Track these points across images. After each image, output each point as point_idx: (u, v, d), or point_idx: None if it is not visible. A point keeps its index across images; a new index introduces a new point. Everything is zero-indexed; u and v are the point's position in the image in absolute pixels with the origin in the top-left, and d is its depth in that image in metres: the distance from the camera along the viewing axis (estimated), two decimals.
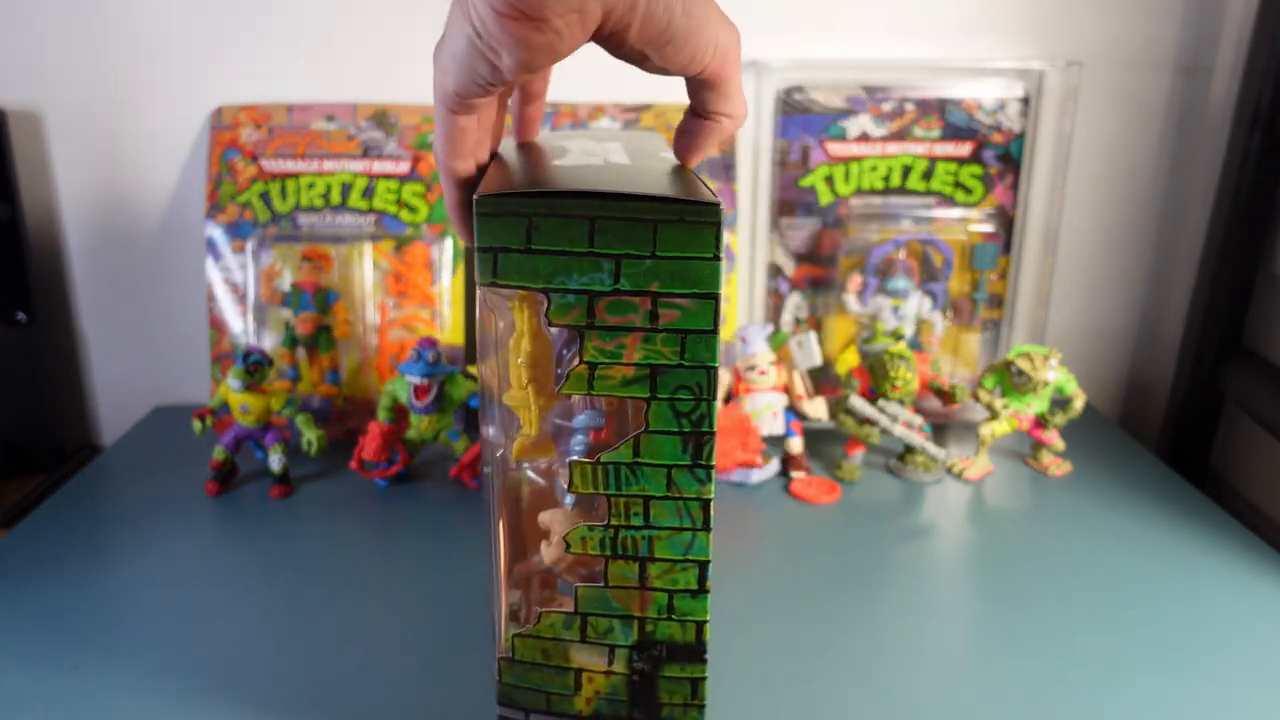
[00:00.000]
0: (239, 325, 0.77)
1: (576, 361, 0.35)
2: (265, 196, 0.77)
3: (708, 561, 0.37)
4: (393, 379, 0.69)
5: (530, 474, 0.42)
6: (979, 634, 0.52)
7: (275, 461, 0.68)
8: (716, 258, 0.33)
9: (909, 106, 0.77)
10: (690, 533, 0.37)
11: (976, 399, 0.71)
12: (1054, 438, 0.71)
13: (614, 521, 0.37)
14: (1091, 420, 0.80)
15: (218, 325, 0.78)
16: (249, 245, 0.76)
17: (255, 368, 0.66)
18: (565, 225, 0.33)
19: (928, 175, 0.78)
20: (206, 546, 0.62)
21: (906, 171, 0.78)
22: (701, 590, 0.38)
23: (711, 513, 0.37)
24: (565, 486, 0.38)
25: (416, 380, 0.66)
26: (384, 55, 0.79)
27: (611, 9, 0.31)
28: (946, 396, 0.71)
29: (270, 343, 0.77)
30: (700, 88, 0.36)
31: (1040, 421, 0.71)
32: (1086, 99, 0.80)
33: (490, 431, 0.40)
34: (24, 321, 0.79)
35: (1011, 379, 0.70)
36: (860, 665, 0.50)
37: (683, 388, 0.35)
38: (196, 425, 0.68)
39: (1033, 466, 0.72)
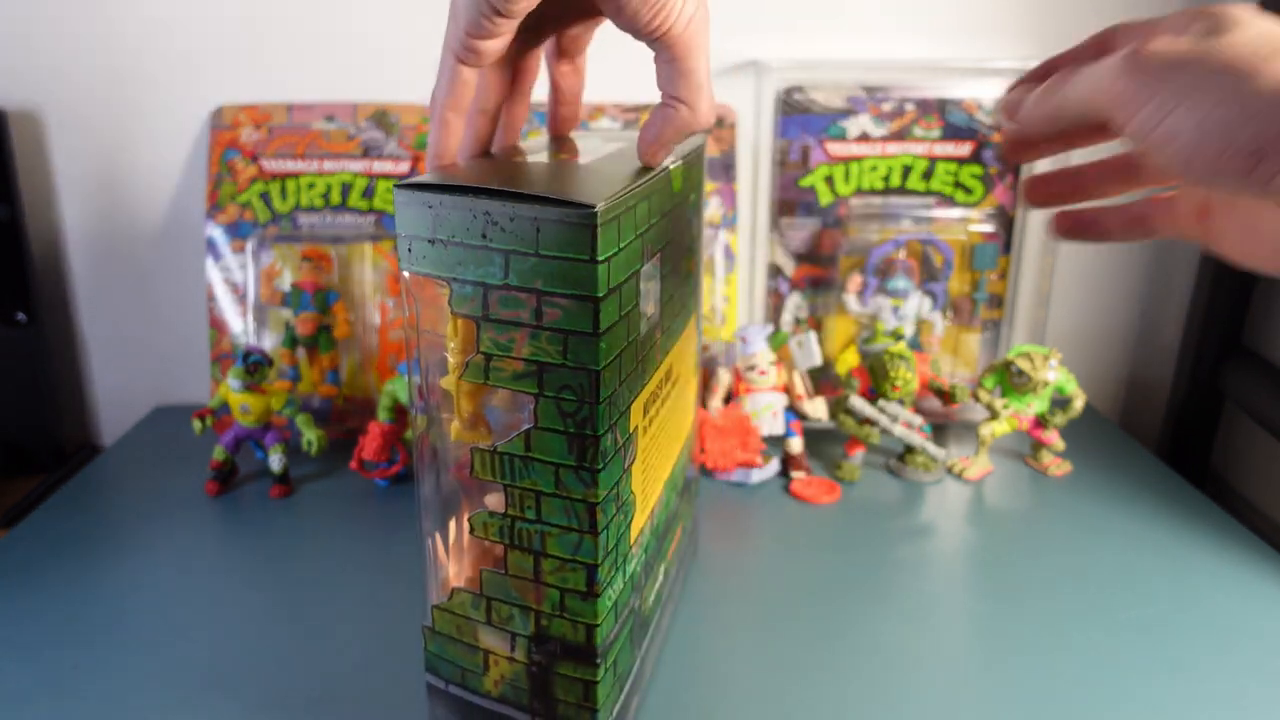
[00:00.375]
0: (239, 325, 0.77)
1: (474, 351, 0.36)
2: (265, 196, 0.77)
3: (596, 565, 0.37)
4: (393, 379, 0.69)
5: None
6: (979, 634, 0.52)
7: (275, 461, 0.68)
8: (594, 260, 0.32)
9: (909, 106, 0.77)
10: (578, 534, 0.37)
11: (976, 399, 0.71)
12: (1054, 438, 0.71)
13: (510, 512, 0.38)
14: (1091, 420, 0.80)
15: (218, 325, 0.78)
16: (249, 245, 0.76)
17: (255, 368, 0.66)
18: (463, 219, 0.34)
19: (928, 175, 0.78)
20: (206, 546, 0.62)
21: (906, 171, 0.78)
22: (590, 594, 0.37)
23: (598, 517, 0.36)
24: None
25: (417, 380, 0.66)
26: (384, 55, 0.79)
27: None
28: (946, 396, 0.71)
29: (270, 343, 0.77)
30: (663, 64, 0.35)
31: (1040, 421, 0.71)
32: None
33: (417, 413, 0.40)
34: (24, 321, 0.79)
35: (1011, 379, 0.70)
36: (860, 665, 0.50)
37: (566, 388, 0.35)
38: (196, 425, 0.68)
39: (1033, 466, 0.72)
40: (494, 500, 0.38)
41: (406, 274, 0.36)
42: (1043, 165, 0.76)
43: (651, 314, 0.40)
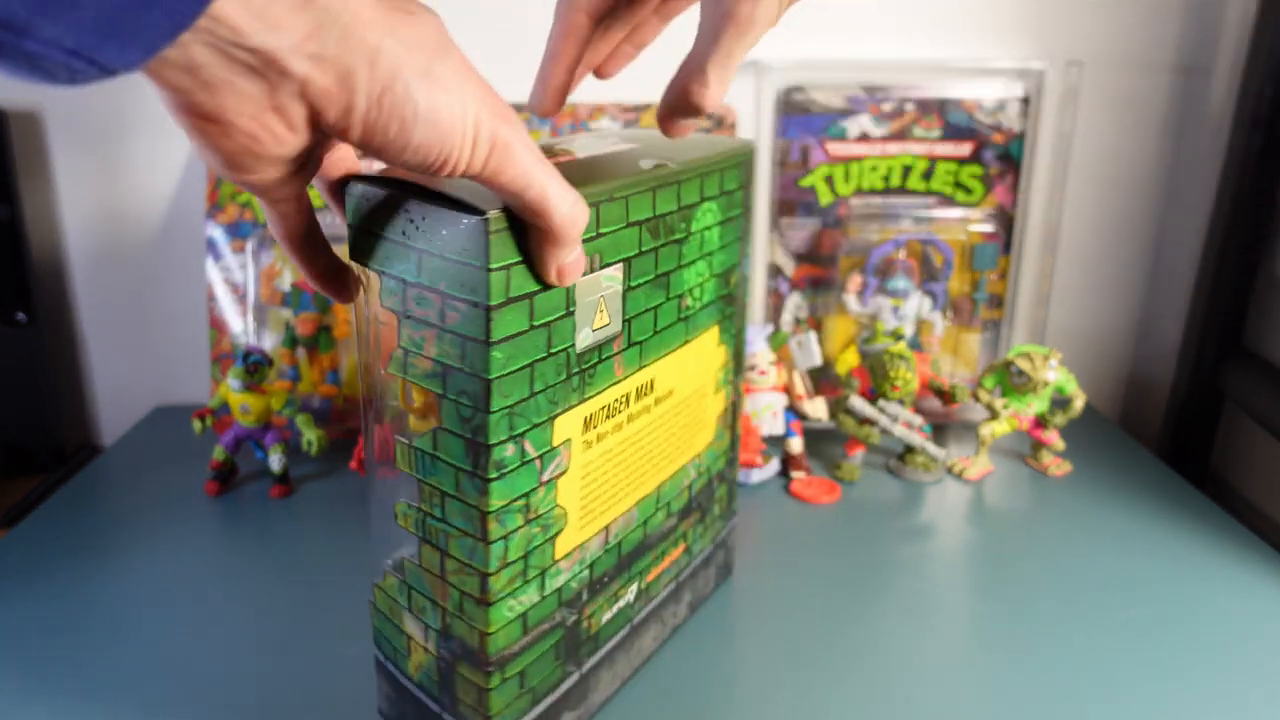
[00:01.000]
0: (239, 325, 0.77)
1: (396, 345, 0.36)
2: None
3: (488, 574, 0.36)
4: None
5: None
6: (979, 634, 0.52)
7: (275, 461, 0.68)
8: (486, 268, 0.32)
9: (909, 106, 0.77)
10: (473, 540, 0.36)
11: (976, 399, 0.71)
12: (1054, 438, 0.71)
13: (423, 506, 0.38)
14: (1091, 420, 0.80)
15: (218, 325, 0.77)
16: (249, 245, 0.76)
17: (255, 368, 0.66)
18: (389, 214, 0.34)
19: (928, 175, 0.78)
20: (206, 546, 0.62)
21: (906, 171, 0.78)
22: (483, 601, 0.37)
23: (491, 526, 0.35)
24: None
25: None
26: None
27: (322, 101, 0.26)
28: (946, 396, 0.71)
29: (270, 343, 0.77)
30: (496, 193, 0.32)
31: (1040, 421, 0.71)
32: (1086, 99, 0.80)
33: (369, 400, 0.40)
34: (24, 321, 0.79)
35: (1011, 379, 0.70)
36: (860, 665, 0.50)
37: (464, 393, 0.34)
38: (196, 425, 0.68)
39: (1033, 466, 0.72)
40: None
41: (353, 263, 0.37)
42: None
43: (606, 326, 0.39)
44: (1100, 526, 0.63)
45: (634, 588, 0.46)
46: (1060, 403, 0.73)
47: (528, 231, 0.33)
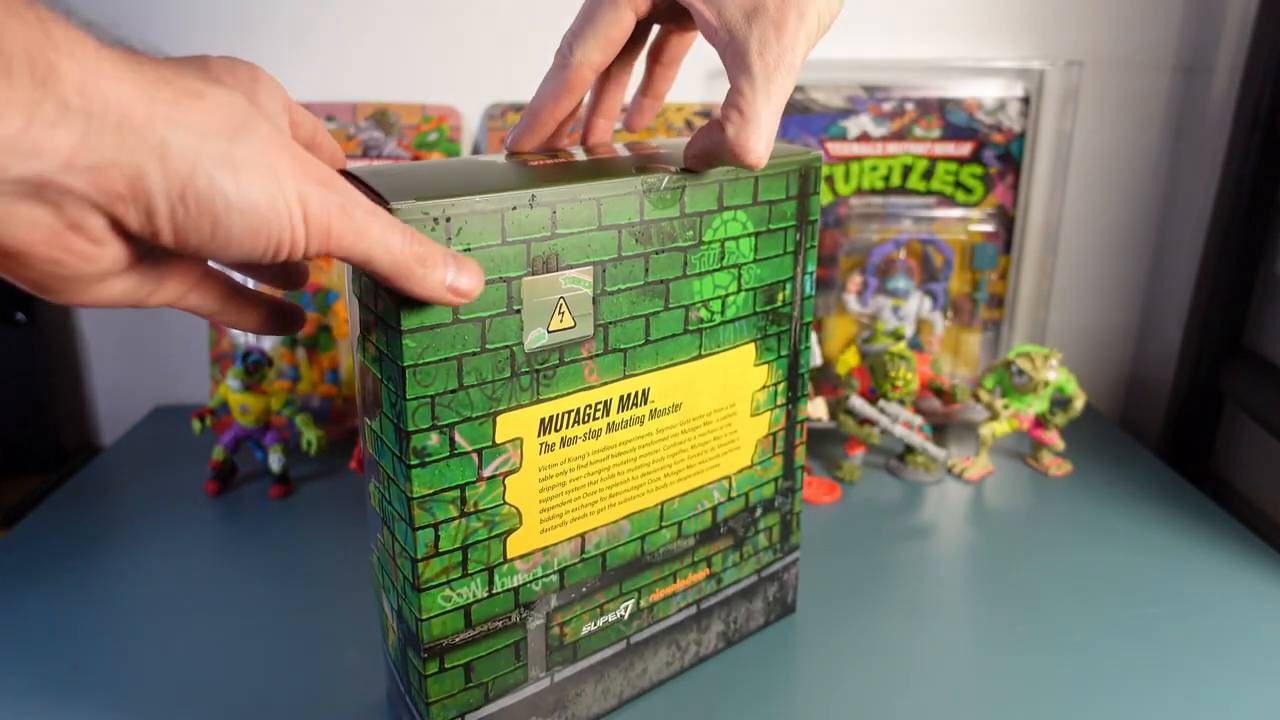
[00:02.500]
0: None
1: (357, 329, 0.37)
2: None
3: (417, 560, 0.36)
4: None
5: None
6: (979, 634, 0.52)
7: (275, 461, 0.67)
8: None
9: (909, 106, 0.77)
10: (405, 524, 0.37)
11: (976, 399, 0.71)
12: (1054, 438, 0.71)
13: (380, 487, 0.39)
14: (1091, 420, 0.80)
15: (217, 325, 0.77)
16: None
17: (255, 368, 0.66)
18: None
19: (928, 175, 0.78)
20: (206, 546, 0.62)
21: (906, 171, 0.78)
22: (415, 587, 0.37)
23: (415, 513, 0.36)
24: None
25: None
26: (384, 55, 0.79)
27: (118, 209, 0.24)
28: (946, 396, 0.71)
29: (270, 343, 0.76)
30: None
31: (1040, 421, 0.71)
32: (1086, 99, 0.80)
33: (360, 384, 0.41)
34: (24, 321, 0.79)
35: (1011, 379, 0.70)
36: (860, 665, 0.50)
37: (391, 379, 0.35)
38: (196, 425, 0.68)
39: (1033, 466, 0.72)
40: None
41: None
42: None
43: (569, 328, 0.38)
44: (1100, 527, 0.63)
45: (628, 604, 0.45)
46: (1060, 403, 0.73)
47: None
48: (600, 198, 0.37)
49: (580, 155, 0.41)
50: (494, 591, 0.39)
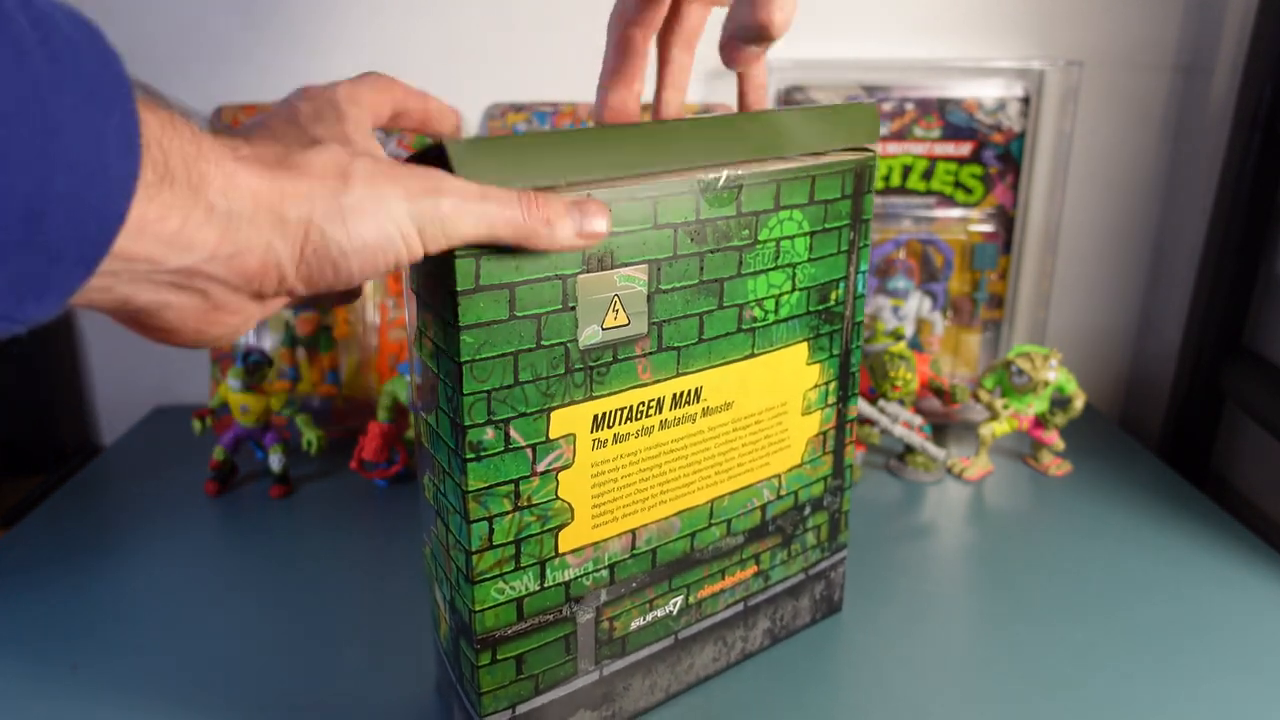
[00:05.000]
0: None
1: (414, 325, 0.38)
2: None
3: (471, 553, 0.37)
4: (393, 379, 0.69)
5: None
6: (979, 634, 0.52)
7: (275, 461, 0.68)
8: (452, 255, 0.32)
9: (909, 106, 0.77)
10: (459, 517, 0.37)
11: (976, 399, 0.71)
12: (1054, 438, 0.71)
13: (435, 480, 0.39)
14: (1091, 420, 0.80)
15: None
16: None
17: (255, 368, 0.66)
18: None
19: (928, 175, 0.78)
20: (206, 546, 0.62)
21: (906, 171, 0.78)
22: (468, 579, 0.37)
23: (470, 506, 0.36)
24: None
25: (417, 380, 0.66)
26: (384, 55, 0.79)
27: (256, 284, 0.28)
28: (946, 396, 0.71)
29: (270, 343, 0.77)
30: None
31: (1040, 421, 0.71)
32: (1086, 99, 0.80)
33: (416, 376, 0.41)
34: None
35: (1011, 379, 0.70)
36: (859, 665, 0.50)
37: (448, 374, 0.35)
38: (196, 425, 0.68)
39: (1033, 466, 0.72)
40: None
41: None
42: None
43: (623, 326, 0.38)
44: (1100, 527, 0.63)
45: (677, 600, 0.45)
46: (1060, 403, 0.73)
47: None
48: (656, 196, 0.37)
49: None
50: (545, 585, 0.39)
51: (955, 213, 0.78)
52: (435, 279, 0.34)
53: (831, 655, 0.50)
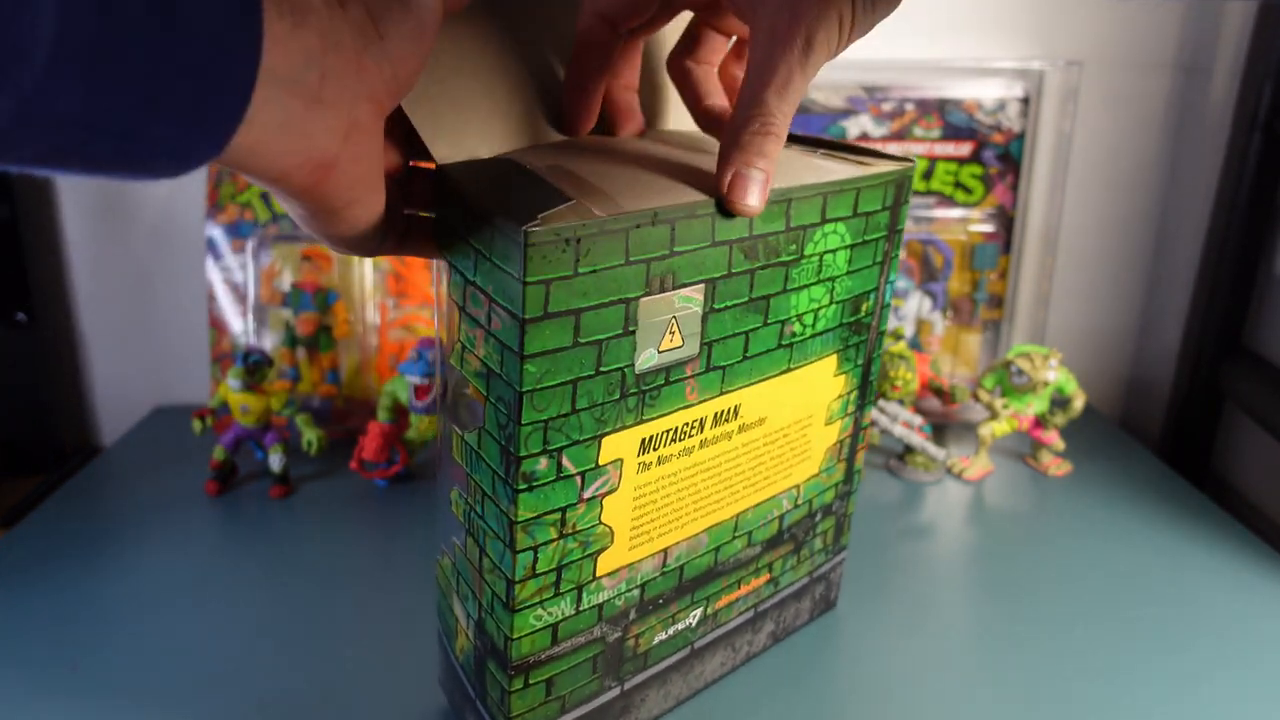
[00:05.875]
0: (239, 325, 0.77)
1: (456, 338, 0.37)
2: (265, 196, 0.77)
3: (514, 581, 0.35)
4: (393, 379, 0.69)
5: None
6: (979, 634, 0.52)
7: (275, 461, 0.68)
8: (523, 281, 0.30)
9: (909, 106, 0.77)
10: (502, 545, 0.36)
11: (976, 399, 0.71)
12: (1054, 438, 0.71)
13: (469, 499, 0.38)
14: (1091, 420, 0.80)
15: (218, 325, 0.78)
16: (249, 245, 0.76)
17: (255, 368, 0.66)
18: (449, 209, 0.35)
19: (928, 175, 0.78)
20: (206, 546, 0.62)
21: None
22: (509, 607, 0.36)
23: (518, 536, 0.35)
24: None
25: (416, 380, 0.66)
26: None
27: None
28: (946, 396, 0.71)
29: (270, 343, 0.77)
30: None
31: (1040, 421, 0.71)
32: (1086, 99, 0.80)
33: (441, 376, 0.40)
34: (24, 321, 0.79)
35: (1011, 379, 0.70)
36: (859, 665, 0.50)
37: (501, 399, 0.34)
38: (196, 425, 0.68)
39: (1033, 466, 0.72)
40: None
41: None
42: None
43: (677, 348, 0.37)
44: (1100, 527, 0.63)
45: (697, 612, 0.44)
46: (1060, 403, 0.73)
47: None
48: (715, 212, 0.35)
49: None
50: (580, 609, 0.39)
51: (955, 213, 0.78)
52: (489, 298, 0.33)
53: (833, 655, 0.50)
